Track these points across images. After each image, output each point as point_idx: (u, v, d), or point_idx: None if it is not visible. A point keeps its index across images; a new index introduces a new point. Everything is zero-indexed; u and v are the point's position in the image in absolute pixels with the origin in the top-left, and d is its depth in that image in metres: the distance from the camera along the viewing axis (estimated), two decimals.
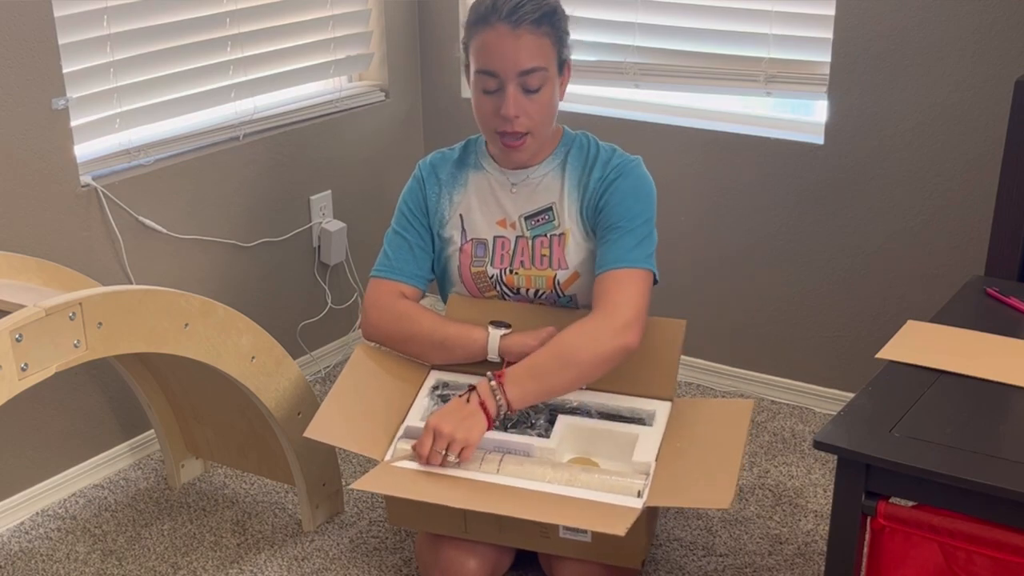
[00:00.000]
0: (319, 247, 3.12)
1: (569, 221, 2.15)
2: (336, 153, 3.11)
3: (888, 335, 1.84)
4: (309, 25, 2.99)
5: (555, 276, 2.16)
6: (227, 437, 2.57)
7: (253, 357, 2.22)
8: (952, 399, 1.65)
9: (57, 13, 2.41)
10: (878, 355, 1.77)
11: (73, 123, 2.50)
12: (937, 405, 1.63)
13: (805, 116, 2.88)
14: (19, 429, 2.52)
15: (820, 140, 2.77)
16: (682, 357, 3.09)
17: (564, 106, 3.10)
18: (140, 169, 2.66)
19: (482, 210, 2.18)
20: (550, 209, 2.15)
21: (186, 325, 2.10)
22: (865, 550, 1.61)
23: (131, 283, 2.62)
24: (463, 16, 3.22)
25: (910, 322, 1.88)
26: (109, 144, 2.63)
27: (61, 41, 2.43)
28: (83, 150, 2.56)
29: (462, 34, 2.10)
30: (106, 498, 2.63)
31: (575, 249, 2.15)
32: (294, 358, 2.37)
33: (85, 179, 2.54)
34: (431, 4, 3.24)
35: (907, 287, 2.75)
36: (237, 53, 2.83)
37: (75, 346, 1.94)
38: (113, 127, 2.62)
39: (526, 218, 2.16)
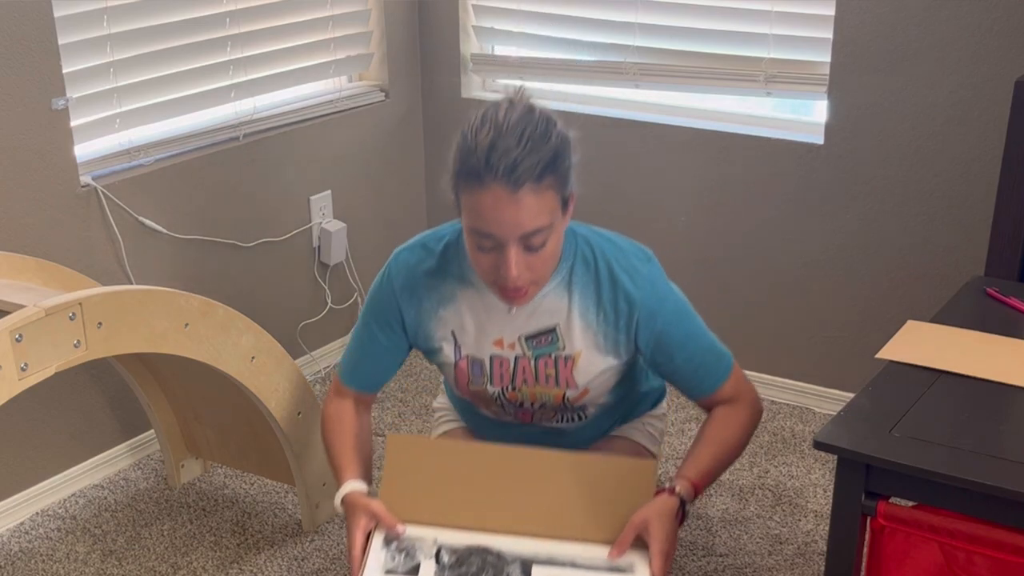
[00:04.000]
0: (319, 247, 3.12)
1: (580, 343, 1.88)
2: (336, 153, 3.11)
3: (888, 335, 1.84)
4: (309, 25, 2.99)
5: (564, 394, 1.93)
6: (227, 437, 2.57)
7: (253, 357, 2.22)
8: (952, 399, 1.65)
9: (57, 13, 2.41)
10: (878, 355, 1.77)
11: (73, 123, 2.50)
12: (937, 405, 1.63)
13: (805, 116, 2.89)
14: (19, 429, 2.52)
15: (820, 140, 2.77)
16: None
17: (564, 106, 3.12)
18: (140, 169, 2.66)
19: (476, 329, 1.89)
20: (553, 330, 1.88)
21: (186, 325, 2.10)
22: (865, 550, 1.61)
23: (131, 283, 2.62)
24: (463, 15, 3.23)
25: (910, 322, 1.88)
26: (109, 144, 2.63)
27: (61, 41, 2.43)
28: (83, 150, 2.56)
29: (450, 178, 1.73)
30: (106, 498, 2.63)
31: (586, 369, 1.90)
32: (294, 358, 2.37)
33: (85, 179, 2.54)
34: (431, 4, 3.24)
35: (907, 287, 2.75)
36: (237, 53, 2.83)
37: (75, 346, 1.94)
38: (113, 127, 2.62)
39: (527, 338, 1.89)
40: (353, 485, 1.88)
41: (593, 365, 1.89)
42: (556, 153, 1.69)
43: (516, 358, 1.90)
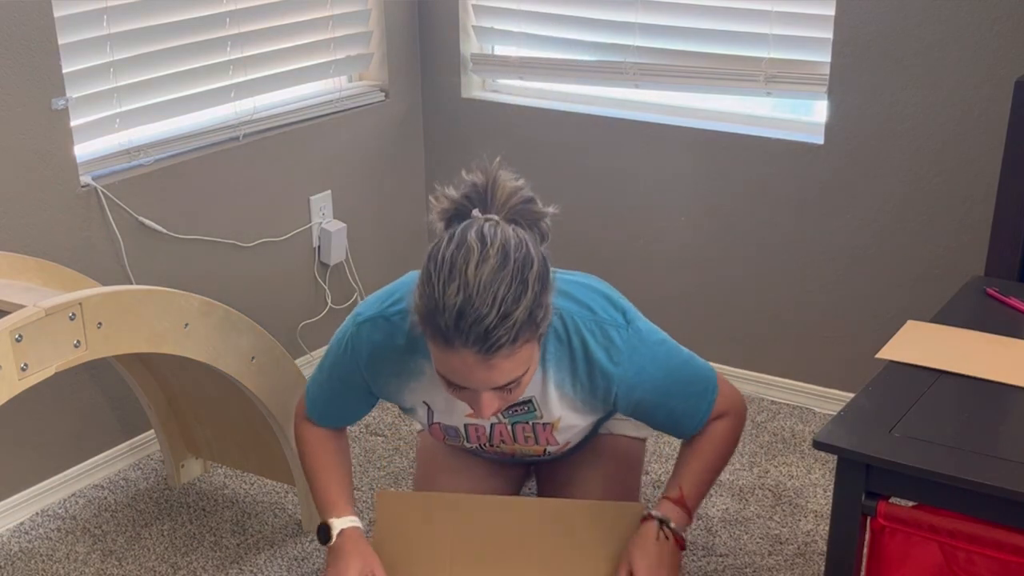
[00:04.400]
0: (319, 247, 3.12)
1: (558, 410, 1.82)
2: (336, 153, 3.11)
3: (888, 335, 1.84)
4: (309, 25, 2.99)
5: (545, 449, 1.93)
6: (227, 437, 2.57)
7: (253, 357, 2.22)
8: (952, 399, 1.65)
9: (57, 13, 2.41)
10: (878, 355, 1.77)
11: (73, 123, 2.50)
12: (937, 405, 1.63)
13: (805, 116, 2.88)
14: (19, 429, 2.52)
15: (820, 140, 2.77)
16: None
17: (564, 106, 3.12)
18: (140, 169, 2.66)
19: (447, 405, 1.83)
20: (530, 402, 1.81)
21: (186, 325, 2.10)
22: (865, 550, 1.61)
23: (131, 283, 2.62)
24: (462, 15, 3.23)
25: (910, 322, 1.88)
26: (109, 144, 2.63)
27: (61, 41, 2.43)
28: (83, 150, 2.56)
29: (415, 312, 1.61)
30: (106, 498, 2.63)
31: (566, 429, 1.87)
32: (294, 358, 2.37)
33: (85, 179, 2.54)
34: (431, 4, 3.24)
35: (907, 287, 2.75)
36: (237, 53, 2.83)
37: (75, 346, 1.94)
38: (113, 127, 2.62)
39: (502, 411, 1.83)
40: (353, 521, 1.86)
41: (573, 425, 1.87)
42: (532, 309, 1.56)
43: (492, 425, 1.86)
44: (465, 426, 1.87)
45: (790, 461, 2.73)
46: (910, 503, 1.57)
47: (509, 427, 1.86)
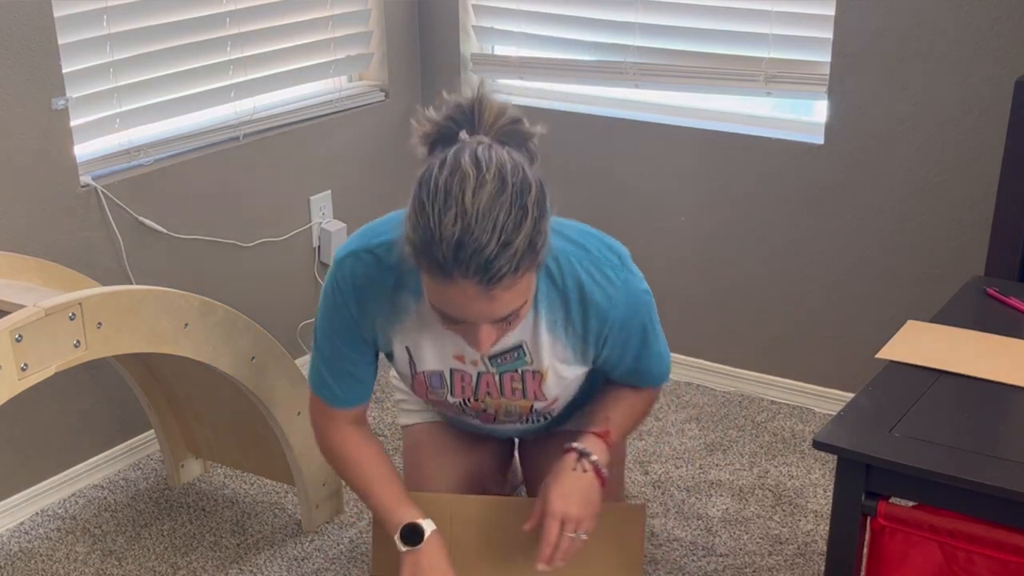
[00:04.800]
0: (319, 247, 3.12)
1: (549, 359, 1.75)
2: (336, 153, 3.11)
3: (888, 335, 1.84)
4: (309, 25, 2.99)
5: (532, 405, 1.83)
6: (227, 437, 2.57)
7: (253, 357, 2.22)
8: (952, 399, 1.65)
9: (57, 13, 2.41)
10: (878, 355, 1.77)
11: (73, 123, 2.50)
12: (937, 405, 1.63)
13: (805, 116, 2.88)
14: (19, 429, 2.52)
15: (820, 140, 2.77)
16: (682, 357, 3.10)
17: (564, 106, 3.12)
18: (140, 169, 2.66)
19: (434, 345, 1.75)
20: (520, 347, 1.74)
21: (186, 325, 2.10)
22: (865, 550, 1.61)
23: (131, 283, 2.62)
24: (462, 15, 3.23)
25: (910, 322, 1.88)
26: (109, 144, 2.63)
27: (61, 41, 2.43)
28: (83, 150, 2.56)
29: (406, 244, 1.53)
30: (106, 498, 2.63)
31: (555, 382, 1.79)
32: (294, 358, 2.37)
33: (85, 179, 2.54)
34: (431, 4, 3.24)
35: (907, 287, 2.75)
36: (237, 53, 2.83)
37: (75, 346, 1.94)
38: (113, 127, 2.62)
39: (490, 357, 1.75)
40: (432, 524, 1.78)
41: (563, 378, 1.79)
42: (533, 236, 1.48)
43: (479, 373, 1.78)
44: (451, 372, 1.77)
45: (790, 461, 2.73)
46: (910, 503, 1.57)
47: (496, 377, 1.77)
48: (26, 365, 1.87)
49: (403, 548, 1.76)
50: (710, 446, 2.80)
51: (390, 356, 1.82)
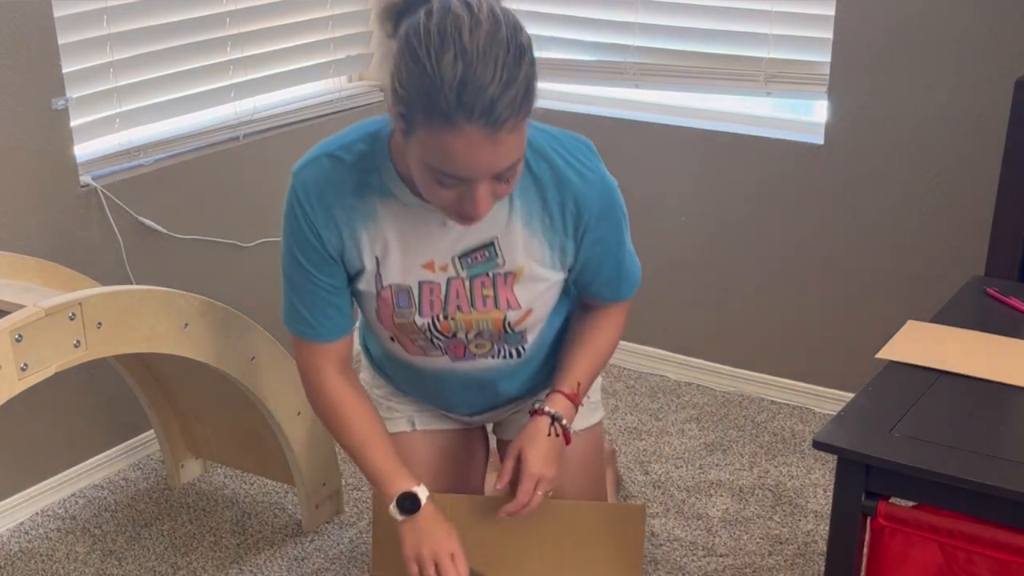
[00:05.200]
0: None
1: (523, 257, 1.68)
2: None
3: (888, 335, 1.84)
4: (309, 25, 2.99)
5: (504, 317, 1.73)
6: (227, 437, 2.57)
7: (253, 357, 2.22)
8: (952, 399, 1.65)
9: (57, 13, 2.41)
10: (878, 355, 1.77)
11: (73, 123, 2.50)
12: (937, 405, 1.63)
13: (805, 116, 2.89)
14: (19, 429, 2.52)
15: (820, 140, 2.77)
16: (683, 357, 3.10)
17: (564, 106, 3.12)
18: (140, 169, 2.66)
19: (402, 252, 1.67)
20: (491, 244, 1.66)
21: (186, 325, 2.10)
22: (865, 550, 1.61)
23: (131, 283, 2.62)
24: None
25: (910, 322, 1.88)
26: (109, 144, 2.63)
27: (61, 41, 2.43)
28: (83, 150, 2.56)
29: (398, 102, 1.46)
30: (106, 498, 2.63)
31: (529, 286, 1.71)
32: (294, 358, 2.36)
33: (85, 179, 2.54)
34: None
35: (907, 287, 2.75)
36: (237, 53, 2.83)
37: (75, 346, 1.94)
38: (113, 127, 2.62)
39: (460, 257, 1.67)
40: (426, 491, 1.75)
41: (536, 281, 1.71)
42: (530, 75, 1.44)
43: (449, 280, 1.69)
44: (419, 286, 1.69)
45: (790, 461, 2.73)
46: (910, 503, 1.57)
47: (467, 284, 1.69)
48: (26, 365, 1.87)
49: (400, 517, 1.74)
50: (710, 446, 2.80)
51: (357, 277, 1.71)
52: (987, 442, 1.54)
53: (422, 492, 1.75)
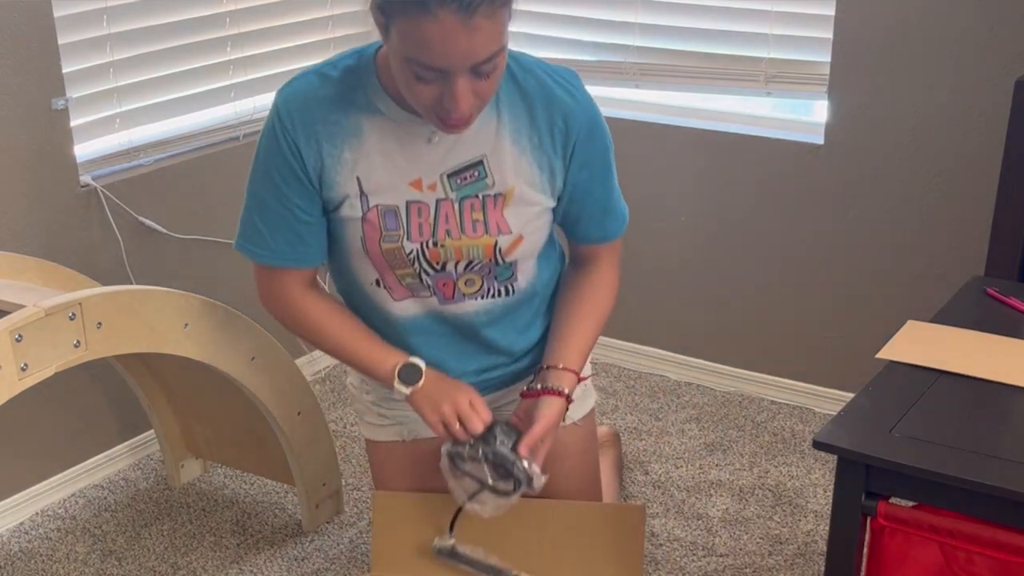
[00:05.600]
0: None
1: (513, 178, 1.66)
2: None
3: (888, 335, 1.84)
4: (308, 25, 2.99)
5: (495, 243, 1.69)
6: (227, 437, 2.57)
7: (253, 357, 2.22)
8: (952, 399, 1.65)
9: (57, 13, 2.41)
10: (878, 355, 1.77)
11: (73, 123, 2.50)
12: (937, 405, 1.63)
13: (805, 116, 2.89)
14: (19, 429, 2.52)
15: (820, 140, 2.77)
16: (682, 357, 3.10)
17: None
18: (140, 169, 2.66)
19: (388, 169, 1.64)
20: (480, 163, 1.64)
21: (186, 325, 2.10)
22: (865, 550, 1.61)
23: (131, 283, 2.62)
24: None
25: (910, 322, 1.88)
26: (109, 144, 2.63)
27: (61, 41, 2.43)
28: (83, 150, 2.56)
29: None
30: (106, 498, 2.63)
31: (519, 209, 1.68)
32: (294, 358, 2.37)
33: (85, 179, 2.54)
34: None
35: (907, 287, 2.75)
36: (237, 53, 2.83)
37: (75, 346, 1.94)
38: (113, 127, 2.62)
39: (449, 176, 1.65)
40: (420, 360, 1.74)
41: (526, 204, 1.69)
42: None
43: (438, 201, 1.65)
44: (407, 206, 1.65)
45: (790, 461, 2.73)
46: (910, 503, 1.57)
47: (456, 206, 1.66)
48: (26, 365, 1.87)
49: (407, 390, 1.73)
50: (710, 446, 2.80)
51: (337, 207, 1.68)
52: (987, 442, 1.54)
53: (418, 360, 1.73)
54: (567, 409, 1.77)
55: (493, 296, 1.78)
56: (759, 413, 2.95)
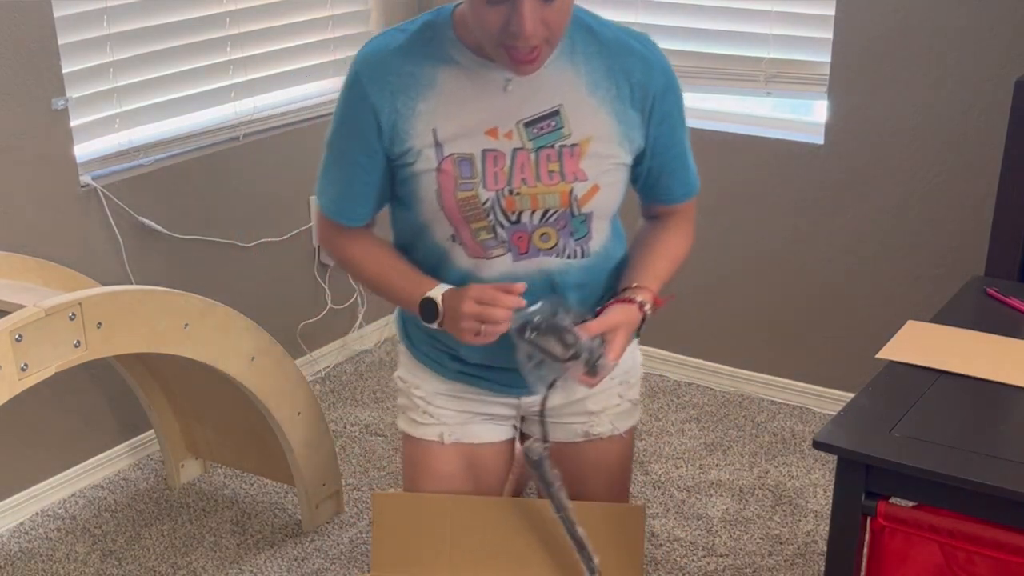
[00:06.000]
0: (319, 247, 3.12)
1: (590, 128, 1.66)
2: None
3: (888, 335, 1.84)
4: (309, 25, 2.99)
5: (571, 190, 1.67)
6: (227, 437, 2.57)
7: (253, 357, 2.22)
8: (952, 399, 1.65)
9: (57, 13, 2.41)
10: (878, 355, 1.77)
11: (73, 123, 2.50)
12: (937, 405, 1.63)
13: (805, 116, 2.89)
14: (19, 429, 2.52)
15: (820, 140, 2.77)
16: (682, 357, 3.10)
17: None
18: (140, 169, 2.66)
19: (463, 118, 1.64)
20: (556, 113, 1.65)
21: (186, 325, 2.10)
22: (865, 550, 1.61)
23: (131, 283, 2.62)
24: None
25: (910, 322, 1.88)
26: (109, 144, 2.63)
27: (61, 41, 2.43)
28: (83, 150, 2.56)
29: None
30: (106, 498, 2.63)
31: (595, 161, 1.67)
32: (294, 358, 2.37)
33: (85, 179, 2.54)
34: (431, 4, 3.23)
35: (907, 287, 2.75)
36: (237, 53, 2.83)
37: (75, 346, 1.94)
38: (113, 127, 2.62)
39: (525, 124, 1.65)
40: (444, 287, 1.70)
41: (602, 156, 1.68)
42: None
43: (514, 151, 1.65)
44: (483, 154, 1.65)
45: (790, 461, 2.73)
46: (910, 503, 1.57)
47: (532, 156, 1.65)
48: (26, 365, 1.87)
49: (434, 326, 1.70)
50: (710, 446, 2.80)
51: (409, 161, 1.68)
52: (987, 442, 1.54)
53: (436, 291, 1.69)
54: (642, 324, 1.71)
55: (568, 256, 1.74)
56: (759, 413, 2.95)
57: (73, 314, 1.92)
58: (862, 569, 1.62)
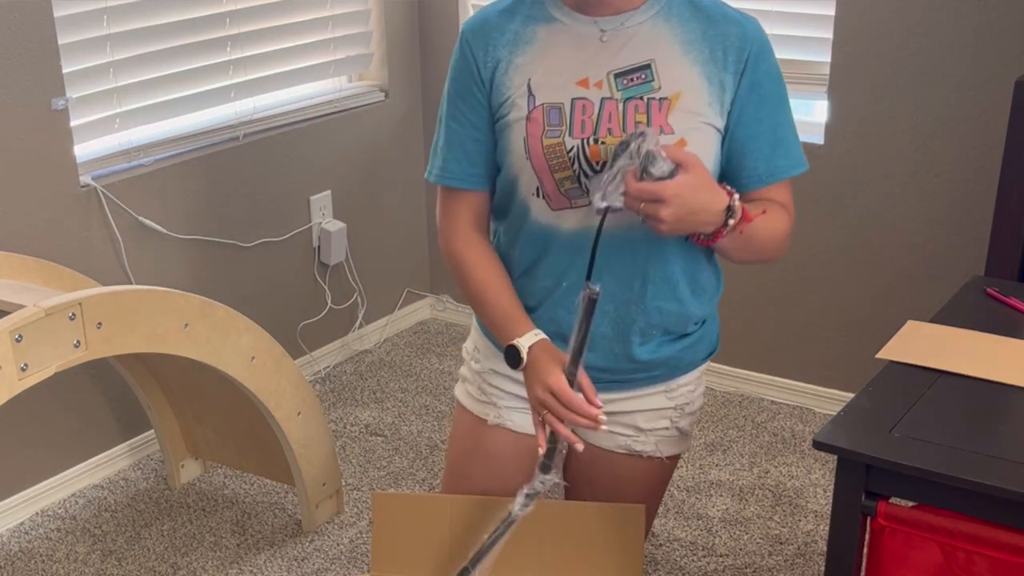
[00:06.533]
0: (319, 247, 3.12)
1: (681, 83, 1.66)
2: (336, 153, 3.11)
3: (888, 335, 1.84)
4: (309, 25, 2.99)
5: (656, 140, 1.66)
6: (227, 437, 2.57)
7: (253, 357, 2.22)
8: (952, 399, 1.65)
9: (57, 13, 2.41)
10: (878, 355, 1.77)
11: (73, 123, 2.50)
12: (937, 405, 1.63)
13: (805, 116, 2.88)
14: (19, 429, 2.52)
15: (820, 140, 2.77)
16: None
17: None
18: (140, 169, 2.66)
19: (557, 69, 1.68)
20: (648, 67, 1.66)
21: (186, 325, 2.10)
22: (865, 550, 1.61)
23: (131, 283, 2.62)
24: (463, 16, 3.23)
25: (910, 322, 1.88)
26: (109, 144, 2.63)
27: (61, 41, 2.43)
28: (83, 150, 2.56)
29: None
30: (106, 498, 2.63)
31: (683, 117, 1.67)
32: (294, 358, 2.37)
33: (85, 179, 2.54)
34: (431, 4, 3.24)
35: (907, 287, 2.75)
36: (237, 53, 2.83)
37: (75, 346, 1.94)
38: (113, 127, 2.62)
39: (616, 75, 1.67)
40: (537, 335, 1.70)
41: (690, 113, 1.67)
42: None
43: (603, 100, 1.67)
44: (572, 103, 1.67)
45: (790, 461, 2.73)
46: (910, 503, 1.57)
47: (620, 106, 1.67)
48: (26, 365, 1.87)
49: (514, 372, 1.73)
50: (710, 446, 2.80)
51: (505, 112, 1.71)
52: (987, 442, 1.54)
53: (529, 339, 1.70)
54: (728, 217, 1.65)
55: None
56: (759, 413, 2.95)
57: (73, 314, 1.92)
58: (862, 569, 1.62)
